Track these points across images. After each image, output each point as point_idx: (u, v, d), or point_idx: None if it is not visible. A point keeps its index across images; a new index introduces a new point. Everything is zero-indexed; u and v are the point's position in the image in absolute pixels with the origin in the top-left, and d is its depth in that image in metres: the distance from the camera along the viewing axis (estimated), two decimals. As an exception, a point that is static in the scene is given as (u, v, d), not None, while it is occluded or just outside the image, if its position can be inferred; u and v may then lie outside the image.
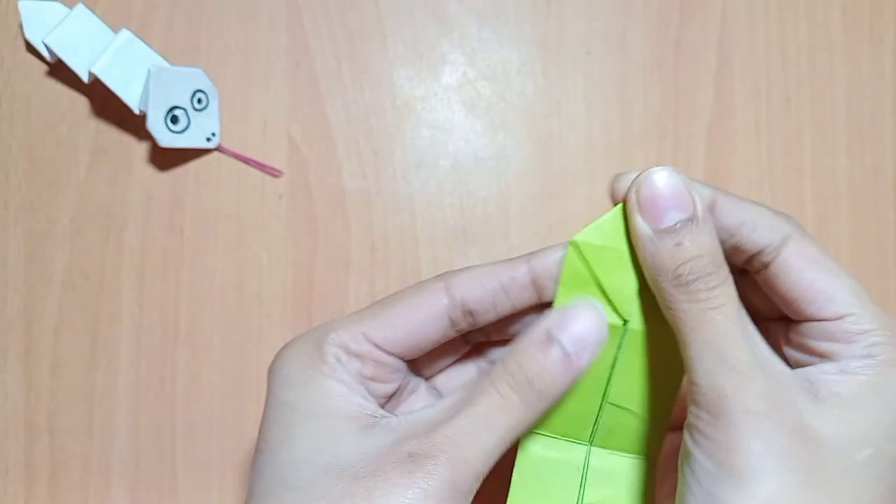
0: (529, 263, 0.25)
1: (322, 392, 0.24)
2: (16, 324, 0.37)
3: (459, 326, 0.26)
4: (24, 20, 0.36)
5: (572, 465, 0.26)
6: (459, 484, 0.22)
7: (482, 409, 0.23)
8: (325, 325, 0.25)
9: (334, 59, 0.37)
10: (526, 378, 0.23)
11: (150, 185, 0.37)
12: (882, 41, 0.38)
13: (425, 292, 0.25)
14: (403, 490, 0.22)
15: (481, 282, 0.25)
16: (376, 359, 0.25)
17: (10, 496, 0.37)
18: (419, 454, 0.22)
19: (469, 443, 0.23)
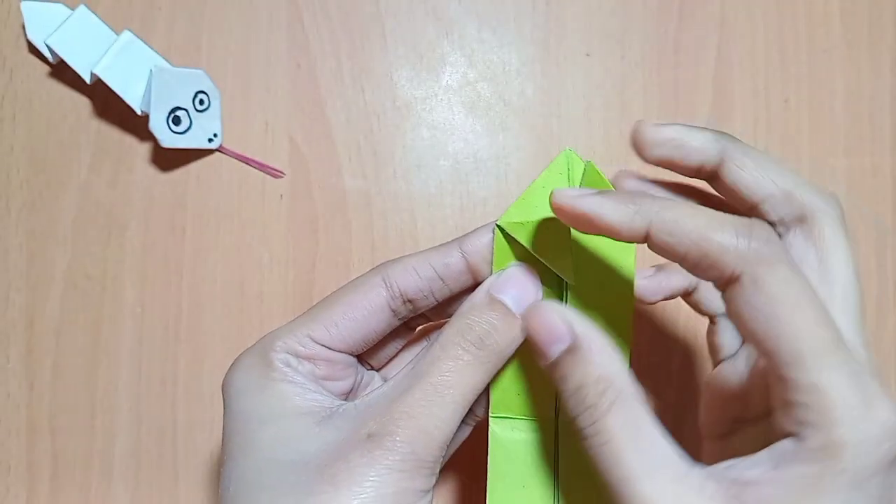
0: (461, 248, 0.26)
1: (276, 396, 0.24)
2: (18, 323, 0.37)
3: (401, 315, 0.27)
4: (27, 21, 0.36)
5: (543, 442, 0.26)
6: (422, 454, 0.23)
7: (435, 377, 0.23)
8: (270, 334, 0.26)
9: (335, 60, 0.37)
10: (477, 336, 0.24)
11: (151, 186, 0.37)
12: (881, 42, 0.38)
13: (364, 287, 0.26)
14: (366, 469, 0.22)
15: (417, 271, 0.26)
16: (326, 357, 0.26)
17: (11, 495, 0.37)
18: (377, 433, 0.23)
19: (426, 413, 0.23)
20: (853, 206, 0.38)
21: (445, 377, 0.23)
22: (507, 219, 0.25)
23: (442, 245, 0.26)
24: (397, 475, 0.22)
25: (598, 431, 0.21)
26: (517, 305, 0.25)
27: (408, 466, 0.22)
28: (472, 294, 0.25)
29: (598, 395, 0.22)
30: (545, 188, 0.25)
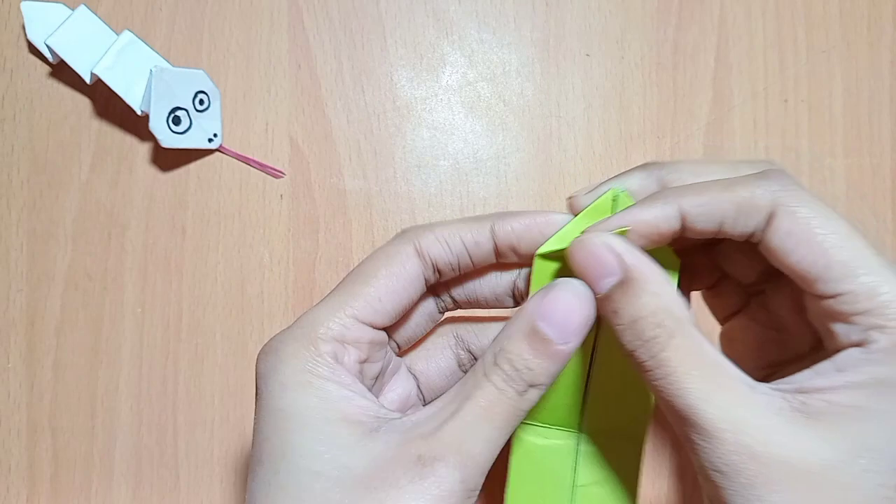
0: (493, 226, 0.25)
1: (322, 397, 0.23)
2: (18, 323, 0.37)
3: (430, 283, 0.26)
4: (27, 21, 0.36)
5: (564, 450, 0.27)
6: (469, 482, 0.22)
7: (482, 402, 0.23)
8: (311, 314, 0.24)
9: (335, 61, 0.37)
10: (515, 370, 0.23)
11: (152, 186, 0.37)
12: (879, 42, 0.38)
13: (400, 258, 0.25)
14: (415, 497, 0.21)
15: (448, 245, 0.25)
16: (370, 339, 0.25)
17: (12, 495, 0.37)
18: (428, 456, 0.22)
19: (474, 438, 0.22)
20: (853, 206, 0.38)
21: (491, 403, 0.23)
22: (545, 249, 0.25)
23: (473, 219, 0.26)
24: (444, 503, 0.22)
25: (659, 364, 0.21)
26: (561, 334, 0.23)
27: (456, 496, 0.22)
28: (515, 317, 0.24)
29: (655, 327, 0.22)
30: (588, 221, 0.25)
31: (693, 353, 0.22)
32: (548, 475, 0.27)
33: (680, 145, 0.38)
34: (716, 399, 0.21)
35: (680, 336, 0.22)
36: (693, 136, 0.38)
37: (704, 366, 0.21)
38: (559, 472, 0.27)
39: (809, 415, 0.21)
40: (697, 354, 0.22)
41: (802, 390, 0.21)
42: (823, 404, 0.21)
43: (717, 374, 0.21)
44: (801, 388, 0.21)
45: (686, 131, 0.38)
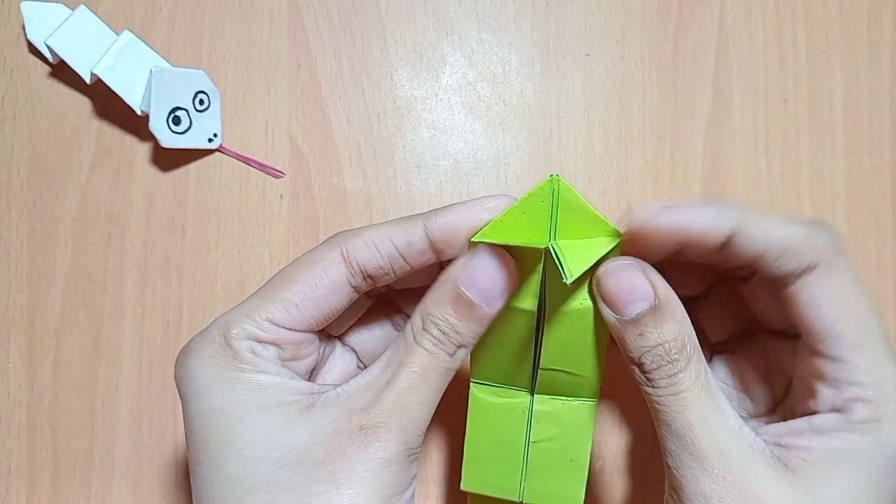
0: (426, 227, 0.25)
1: (251, 388, 0.23)
2: (18, 323, 0.37)
3: (361, 290, 0.26)
4: (27, 21, 0.36)
5: (518, 408, 0.28)
6: (411, 442, 0.23)
7: (416, 367, 0.24)
8: (223, 318, 0.24)
9: (335, 61, 0.37)
10: (442, 332, 0.24)
11: (152, 186, 0.37)
12: (880, 42, 0.38)
13: (322, 263, 0.25)
14: (364, 464, 0.22)
15: (377, 248, 0.25)
16: (289, 340, 0.25)
17: (12, 495, 0.37)
18: (370, 425, 0.23)
19: (412, 403, 0.23)
20: (853, 206, 0.38)
21: (424, 367, 0.24)
22: (481, 237, 0.25)
23: (404, 220, 0.25)
24: (393, 467, 0.23)
25: (677, 382, 0.23)
26: (484, 297, 0.24)
27: (401, 457, 0.23)
28: (440, 282, 0.24)
29: (678, 353, 0.23)
30: (525, 213, 0.25)
31: (702, 379, 0.23)
32: (502, 432, 0.28)
33: (680, 145, 0.38)
34: (713, 425, 0.23)
35: (695, 361, 0.23)
36: (693, 136, 0.38)
37: (710, 394, 0.23)
38: (513, 428, 0.28)
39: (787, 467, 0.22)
40: (706, 382, 0.23)
41: (780, 444, 0.23)
42: (800, 461, 0.22)
43: (717, 404, 0.23)
44: (779, 442, 0.23)
45: (686, 131, 0.38)
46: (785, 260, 0.23)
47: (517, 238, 0.25)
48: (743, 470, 0.22)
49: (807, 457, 0.22)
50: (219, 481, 0.23)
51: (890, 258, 0.38)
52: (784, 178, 0.38)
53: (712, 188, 0.38)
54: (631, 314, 0.23)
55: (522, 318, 0.26)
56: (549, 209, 0.25)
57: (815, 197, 0.38)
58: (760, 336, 0.28)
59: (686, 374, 0.23)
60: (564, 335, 0.26)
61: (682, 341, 0.23)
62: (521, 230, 0.25)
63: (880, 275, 0.38)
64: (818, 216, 0.38)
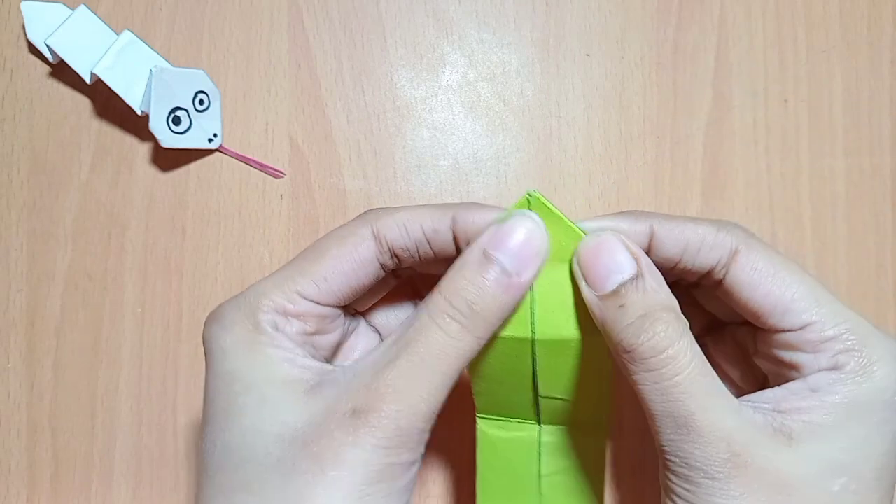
0: (455, 217, 0.24)
1: (263, 361, 0.23)
2: (18, 323, 0.37)
3: (387, 267, 0.25)
4: (27, 21, 0.36)
5: (526, 441, 0.27)
6: (407, 429, 0.22)
7: (422, 347, 0.22)
8: (255, 289, 0.24)
9: (335, 61, 0.37)
10: (466, 303, 0.22)
11: (152, 186, 0.37)
12: (880, 42, 0.38)
13: (353, 239, 0.25)
14: (351, 448, 0.21)
15: (408, 230, 0.24)
16: (316, 314, 0.25)
17: (12, 495, 0.37)
18: (361, 409, 0.22)
19: (412, 387, 0.22)
20: (853, 206, 0.38)
21: (433, 348, 0.22)
22: None
23: (435, 207, 0.25)
24: (383, 452, 0.22)
25: (668, 362, 0.21)
26: (516, 262, 0.22)
27: (393, 443, 0.22)
28: (467, 250, 0.23)
29: (667, 323, 0.22)
30: None
31: (695, 358, 0.22)
32: (513, 466, 0.27)
33: (680, 145, 0.38)
34: (713, 408, 0.22)
35: (686, 337, 0.22)
36: (693, 136, 0.38)
37: (704, 373, 0.22)
38: (524, 462, 0.27)
39: (789, 434, 0.22)
40: (698, 361, 0.22)
41: (780, 410, 0.22)
42: (801, 424, 0.22)
43: (712, 385, 0.22)
44: (778, 408, 0.22)
45: (686, 131, 0.38)
46: (705, 253, 0.24)
47: None
48: (749, 449, 0.21)
49: (807, 418, 0.22)
50: (219, 447, 0.23)
51: (890, 258, 0.38)
52: (784, 178, 0.38)
53: (712, 188, 0.38)
54: (610, 287, 0.22)
55: (516, 347, 0.25)
56: None
57: (815, 197, 0.38)
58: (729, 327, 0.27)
59: (677, 351, 0.22)
60: (556, 363, 0.25)
61: (669, 311, 0.22)
62: None
63: (880, 275, 0.38)
64: (818, 216, 0.38)
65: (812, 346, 0.23)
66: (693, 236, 0.24)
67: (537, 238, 0.23)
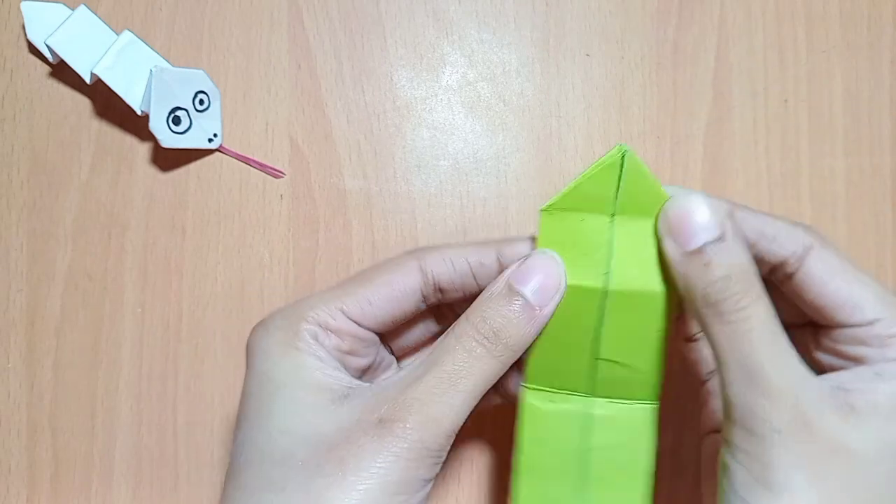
0: (499, 251, 0.26)
1: (297, 364, 0.25)
2: (18, 323, 0.37)
3: (430, 301, 0.27)
4: (27, 21, 0.36)
5: (576, 414, 0.27)
6: (429, 443, 0.23)
7: (448, 367, 0.24)
8: (305, 300, 0.26)
9: (335, 61, 0.37)
10: (491, 330, 0.24)
11: (152, 186, 0.37)
12: (879, 42, 0.38)
13: (401, 269, 0.26)
14: (373, 455, 0.22)
15: (453, 264, 0.26)
16: (353, 334, 0.26)
17: (12, 495, 0.37)
18: (388, 419, 0.23)
19: (437, 402, 0.23)
20: (853, 206, 0.38)
21: (458, 367, 0.24)
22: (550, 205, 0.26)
23: (480, 243, 0.27)
24: (404, 463, 0.23)
25: (747, 317, 0.23)
26: (537, 298, 0.25)
27: (414, 455, 0.23)
28: (493, 282, 0.25)
29: (747, 284, 0.23)
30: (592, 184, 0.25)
31: (771, 319, 0.23)
32: (560, 442, 0.27)
33: (680, 145, 0.38)
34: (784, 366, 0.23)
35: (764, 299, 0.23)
36: (693, 136, 0.38)
37: (778, 334, 0.23)
38: (570, 435, 0.27)
39: (853, 409, 0.23)
40: (774, 322, 0.23)
41: (845, 388, 0.23)
42: (865, 404, 0.23)
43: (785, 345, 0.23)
44: (843, 387, 0.24)
45: (686, 131, 0.38)
46: (780, 243, 0.25)
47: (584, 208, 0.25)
48: (813, 411, 0.22)
49: (871, 398, 0.23)
50: (248, 446, 0.24)
51: (890, 258, 0.38)
52: (784, 178, 0.38)
53: (712, 188, 0.38)
54: (696, 245, 0.23)
55: (585, 299, 0.25)
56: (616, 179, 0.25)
57: (815, 197, 0.38)
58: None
59: (756, 311, 0.23)
60: (628, 320, 0.26)
61: (750, 274, 0.23)
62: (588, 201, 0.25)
63: (880, 275, 0.38)
64: (818, 216, 0.38)
65: (879, 341, 0.24)
66: (769, 226, 0.25)
67: (556, 275, 0.25)
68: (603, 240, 0.25)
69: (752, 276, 0.23)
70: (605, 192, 0.25)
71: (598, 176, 0.25)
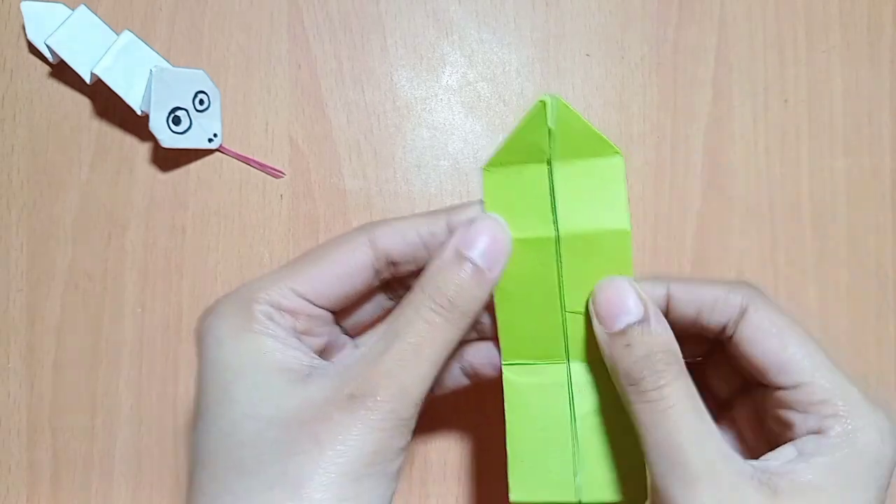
0: (448, 219, 0.26)
1: (256, 348, 0.24)
2: (19, 323, 0.37)
3: (382, 276, 0.27)
4: (27, 21, 0.36)
5: (556, 384, 0.27)
6: (401, 412, 0.23)
7: (412, 338, 0.24)
8: (252, 283, 0.26)
9: (335, 61, 0.37)
10: (446, 298, 0.24)
11: (152, 186, 0.37)
12: (879, 42, 0.38)
13: (350, 245, 0.26)
14: (348, 428, 0.23)
15: (403, 236, 0.26)
16: (307, 312, 0.26)
17: (12, 495, 0.37)
18: (359, 394, 0.23)
19: (405, 373, 0.24)
20: (853, 206, 0.38)
21: (421, 338, 0.24)
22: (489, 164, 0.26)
23: (430, 213, 0.27)
24: (378, 434, 0.23)
25: (663, 396, 0.23)
26: (485, 260, 0.25)
27: (388, 425, 0.23)
28: (440, 250, 0.25)
29: (666, 364, 0.24)
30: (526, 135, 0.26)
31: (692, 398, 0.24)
32: (546, 416, 0.27)
33: (680, 145, 0.38)
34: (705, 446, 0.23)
35: (684, 378, 0.24)
36: (693, 136, 0.38)
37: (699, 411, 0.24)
38: (556, 406, 0.27)
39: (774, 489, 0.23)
40: (695, 403, 0.24)
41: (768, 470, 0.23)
42: (787, 483, 0.23)
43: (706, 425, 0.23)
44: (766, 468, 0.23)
45: (686, 131, 0.38)
46: (719, 311, 0.26)
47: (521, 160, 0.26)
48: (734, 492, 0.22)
49: (795, 478, 0.23)
50: (213, 433, 0.24)
51: (890, 258, 0.38)
52: (784, 178, 0.38)
53: (712, 188, 0.38)
54: (619, 326, 0.24)
55: (540, 251, 0.26)
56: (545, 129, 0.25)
57: (815, 197, 0.38)
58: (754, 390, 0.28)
59: (675, 389, 0.24)
60: (585, 264, 0.26)
61: (670, 353, 0.24)
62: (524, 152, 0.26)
63: (880, 275, 0.38)
64: (818, 216, 0.38)
65: (803, 407, 0.24)
66: (708, 294, 0.26)
67: (503, 237, 0.26)
68: (545, 188, 0.26)
69: (673, 355, 0.24)
70: (538, 141, 0.26)
71: (527, 126, 0.26)
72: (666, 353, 0.24)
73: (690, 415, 0.23)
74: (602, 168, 0.26)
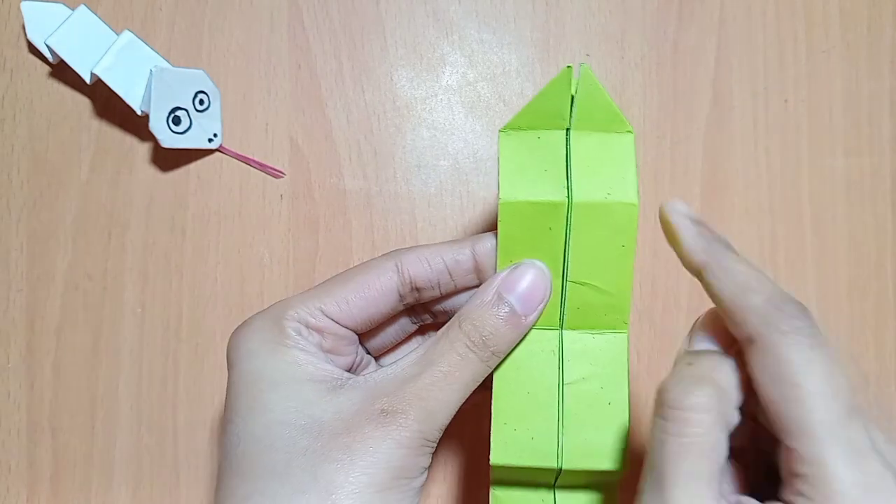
0: (473, 248, 0.27)
1: (288, 360, 0.26)
2: (18, 323, 0.37)
3: (406, 301, 0.28)
4: (27, 21, 0.36)
5: (547, 350, 0.27)
6: (427, 434, 0.25)
7: (444, 367, 0.25)
8: (282, 302, 0.27)
9: (335, 61, 0.37)
10: (481, 338, 0.26)
11: (152, 186, 0.37)
12: (879, 42, 0.38)
13: (377, 270, 0.27)
14: (379, 441, 0.24)
15: (429, 263, 0.27)
16: (334, 332, 0.27)
17: (12, 495, 0.37)
18: (391, 410, 0.24)
19: (434, 398, 0.25)
20: (853, 206, 0.38)
21: (452, 369, 0.25)
22: (508, 126, 0.27)
23: (455, 241, 0.28)
24: (406, 450, 0.24)
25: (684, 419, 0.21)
26: (523, 306, 0.26)
27: (415, 444, 0.24)
28: (483, 289, 0.26)
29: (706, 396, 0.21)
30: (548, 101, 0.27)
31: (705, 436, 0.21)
32: (533, 377, 0.27)
33: (680, 145, 0.38)
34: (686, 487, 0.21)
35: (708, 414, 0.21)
36: (693, 136, 0.38)
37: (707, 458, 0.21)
38: (545, 373, 0.27)
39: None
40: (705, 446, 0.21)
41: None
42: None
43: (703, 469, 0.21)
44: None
45: (686, 131, 0.38)
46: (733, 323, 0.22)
47: (540, 125, 0.26)
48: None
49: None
50: (244, 438, 0.25)
51: (890, 258, 0.38)
52: (784, 178, 0.38)
53: (712, 188, 0.38)
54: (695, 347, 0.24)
55: (550, 215, 0.26)
56: (567, 96, 0.26)
57: (815, 197, 0.38)
58: None
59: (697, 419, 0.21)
60: (592, 235, 0.26)
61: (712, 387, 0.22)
62: (544, 118, 0.27)
63: (880, 275, 0.38)
64: (818, 216, 0.38)
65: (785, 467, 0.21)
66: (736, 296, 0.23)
67: (542, 285, 0.26)
68: (561, 154, 0.26)
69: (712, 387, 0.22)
70: (559, 109, 0.26)
71: (550, 92, 0.26)
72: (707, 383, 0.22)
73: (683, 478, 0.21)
74: (615, 143, 0.27)
